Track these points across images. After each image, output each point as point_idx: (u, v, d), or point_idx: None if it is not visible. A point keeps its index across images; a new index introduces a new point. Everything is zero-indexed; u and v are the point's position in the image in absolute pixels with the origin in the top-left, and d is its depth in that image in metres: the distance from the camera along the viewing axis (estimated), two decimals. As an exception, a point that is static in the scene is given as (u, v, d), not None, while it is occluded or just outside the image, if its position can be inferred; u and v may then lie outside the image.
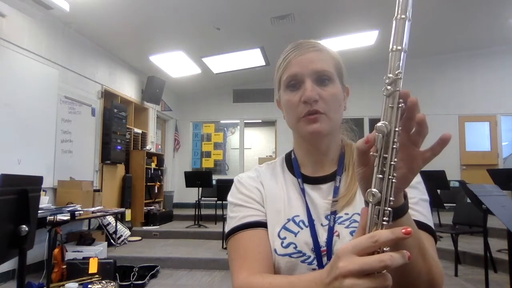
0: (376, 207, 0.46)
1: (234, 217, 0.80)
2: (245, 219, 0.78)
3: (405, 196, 0.54)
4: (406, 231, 0.44)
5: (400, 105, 0.47)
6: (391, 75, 0.47)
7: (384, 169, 0.46)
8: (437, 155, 0.50)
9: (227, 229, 0.80)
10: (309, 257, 0.73)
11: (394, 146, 0.46)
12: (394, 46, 0.47)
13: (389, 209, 0.46)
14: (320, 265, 0.72)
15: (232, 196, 0.84)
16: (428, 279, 0.58)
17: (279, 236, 0.76)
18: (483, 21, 6.40)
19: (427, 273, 0.57)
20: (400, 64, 0.47)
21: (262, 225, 0.78)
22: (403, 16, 0.48)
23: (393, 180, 0.46)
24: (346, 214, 0.75)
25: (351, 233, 0.72)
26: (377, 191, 0.46)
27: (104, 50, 5.90)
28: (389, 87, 0.47)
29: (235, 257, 0.75)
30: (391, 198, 0.46)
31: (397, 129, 0.46)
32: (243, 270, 0.72)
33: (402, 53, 0.47)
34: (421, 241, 0.57)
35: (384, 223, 0.46)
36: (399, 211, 0.52)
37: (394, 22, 0.48)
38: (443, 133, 0.48)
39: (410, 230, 0.44)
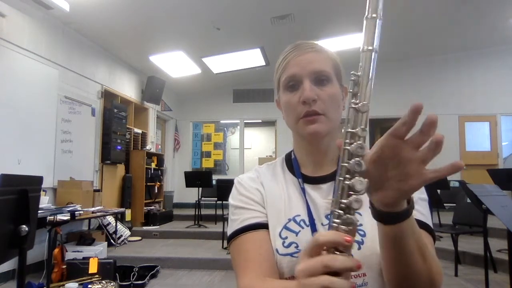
0: (334, 211, 0.48)
1: (235, 220, 0.80)
2: (246, 222, 0.79)
3: (409, 201, 0.53)
4: (346, 239, 0.45)
5: (354, 106, 0.48)
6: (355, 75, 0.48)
7: (340, 171, 0.48)
8: (443, 175, 0.47)
9: (229, 232, 0.81)
10: None
11: (347, 147, 0.47)
12: (365, 47, 0.48)
13: (340, 211, 0.47)
14: None
15: (232, 199, 0.84)
16: (429, 279, 0.58)
17: (280, 236, 0.77)
18: (483, 21, 6.40)
19: (427, 273, 0.57)
20: (371, 66, 0.47)
21: (263, 226, 0.79)
22: (373, 15, 0.48)
23: (346, 182, 0.47)
24: None
25: None
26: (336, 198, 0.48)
27: (104, 50, 5.90)
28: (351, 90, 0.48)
29: (238, 261, 0.76)
30: (343, 201, 0.47)
31: (352, 130, 0.47)
32: (246, 274, 0.73)
33: (373, 53, 0.47)
34: (422, 241, 0.57)
35: (334, 224, 0.47)
36: (401, 216, 0.52)
37: (364, 21, 0.48)
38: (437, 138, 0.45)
39: (350, 240, 0.45)
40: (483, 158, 7.83)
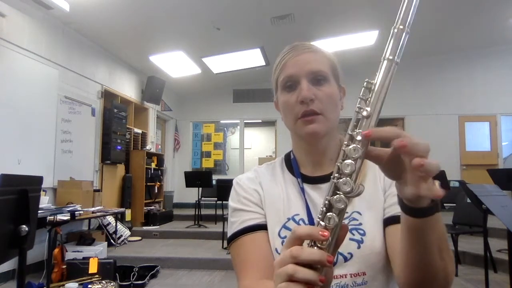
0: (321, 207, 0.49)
1: (235, 222, 0.81)
2: (244, 224, 0.80)
3: (433, 200, 0.52)
4: (323, 234, 0.45)
5: (360, 111, 0.49)
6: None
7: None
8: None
9: (228, 234, 0.82)
10: None
11: (343, 149, 0.48)
12: (389, 56, 0.48)
13: (323, 208, 0.48)
14: None
15: (231, 200, 0.85)
16: (444, 276, 0.58)
17: (279, 235, 0.77)
18: (483, 21, 6.40)
19: (443, 270, 0.57)
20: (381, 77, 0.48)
21: (262, 227, 0.79)
22: (401, 27, 0.48)
23: (334, 181, 0.48)
24: (346, 212, 0.75)
25: (350, 231, 0.73)
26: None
27: (104, 50, 5.90)
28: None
29: (238, 262, 0.78)
30: (327, 198, 0.48)
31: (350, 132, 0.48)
32: (245, 276, 0.74)
33: (394, 64, 0.48)
34: (442, 240, 0.56)
35: (317, 219, 0.49)
36: (420, 212, 0.51)
37: (392, 30, 0.49)
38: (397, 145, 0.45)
39: (327, 235, 0.45)
40: (483, 158, 7.83)
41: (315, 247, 0.46)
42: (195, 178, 6.53)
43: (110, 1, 4.53)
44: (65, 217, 3.74)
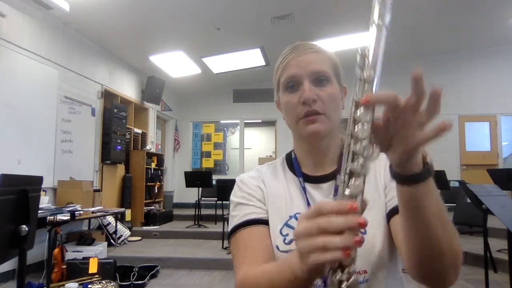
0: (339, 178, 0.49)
1: (236, 215, 0.81)
2: (246, 217, 0.79)
3: (426, 163, 0.53)
4: (352, 207, 0.44)
5: (360, 77, 0.49)
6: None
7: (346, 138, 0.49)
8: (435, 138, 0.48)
9: (229, 228, 0.81)
10: None
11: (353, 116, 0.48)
12: (377, 21, 0.50)
13: (345, 176, 0.47)
14: None
15: (234, 195, 0.85)
16: (450, 249, 0.56)
17: (281, 233, 0.77)
18: (483, 21, 6.40)
19: (449, 245, 0.56)
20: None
21: (263, 222, 0.79)
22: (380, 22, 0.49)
23: (352, 148, 0.48)
24: None
25: None
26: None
27: (104, 50, 5.90)
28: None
29: (236, 254, 0.77)
30: (348, 165, 0.47)
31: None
32: (243, 266, 0.73)
33: (383, 28, 0.49)
34: (441, 211, 0.55)
35: (347, 191, 0.47)
36: (413, 178, 0.51)
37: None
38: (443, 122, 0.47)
39: (356, 207, 0.44)
40: (483, 158, 7.83)
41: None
42: (195, 178, 6.53)
43: (110, 1, 4.52)
44: (65, 217, 3.73)
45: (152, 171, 6.90)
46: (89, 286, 3.55)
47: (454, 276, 0.59)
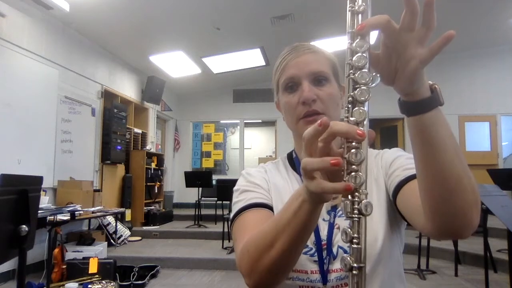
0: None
1: (240, 200, 0.79)
2: (251, 201, 0.78)
3: (433, 90, 0.52)
4: (359, 132, 0.46)
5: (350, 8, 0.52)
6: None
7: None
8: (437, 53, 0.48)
9: (232, 213, 0.80)
10: (311, 249, 0.75)
11: (349, 47, 0.50)
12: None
13: (349, 105, 0.49)
14: (321, 258, 0.74)
15: (239, 185, 0.85)
16: (471, 187, 0.54)
17: None
18: (483, 21, 6.40)
19: (468, 178, 0.53)
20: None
21: (268, 207, 0.78)
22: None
23: (352, 77, 0.49)
24: None
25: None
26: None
27: (104, 50, 5.91)
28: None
29: (237, 234, 0.74)
30: (350, 94, 0.49)
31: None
32: (242, 240, 0.69)
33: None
34: (455, 141, 0.54)
35: (352, 118, 0.49)
36: (421, 104, 0.52)
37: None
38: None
39: (363, 134, 0.46)
40: (483, 158, 7.83)
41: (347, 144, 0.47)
42: (195, 178, 6.53)
43: (110, 1, 4.53)
44: (65, 217, 3.73)
45: (152, 171, 6.90)
46: (89, 286, 3.55)
47: (476, 215, 0.56)
